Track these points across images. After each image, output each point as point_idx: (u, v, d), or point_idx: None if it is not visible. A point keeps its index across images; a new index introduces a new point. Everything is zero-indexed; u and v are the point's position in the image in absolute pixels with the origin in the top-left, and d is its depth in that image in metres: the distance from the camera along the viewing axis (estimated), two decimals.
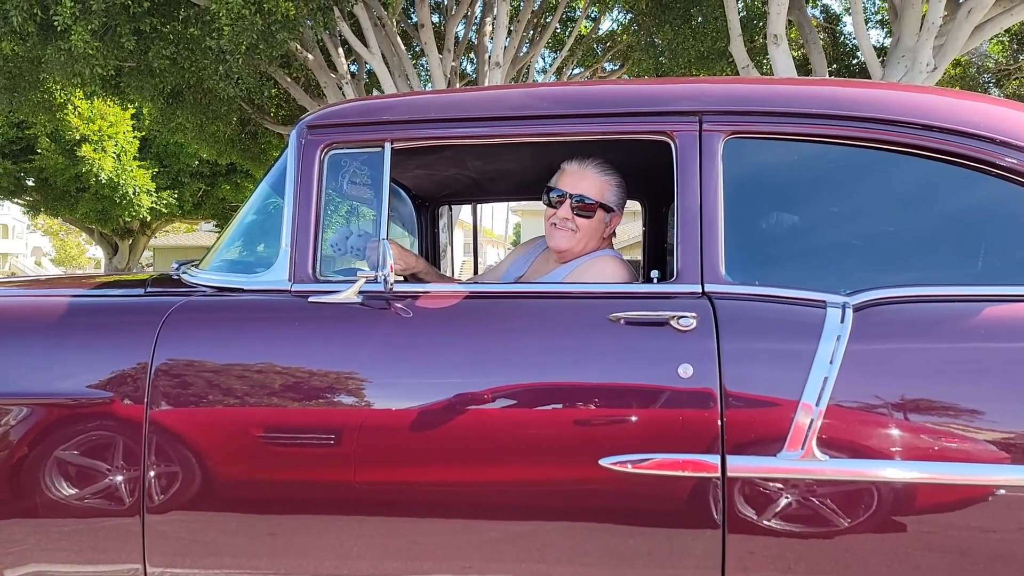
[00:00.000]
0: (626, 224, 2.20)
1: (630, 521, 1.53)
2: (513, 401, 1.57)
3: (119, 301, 1.92)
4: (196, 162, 18.32)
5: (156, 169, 18.42)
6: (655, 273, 1.72)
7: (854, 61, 11.53)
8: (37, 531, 1.67)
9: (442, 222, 3.13)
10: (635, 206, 2.96)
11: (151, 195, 18.19)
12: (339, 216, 2.06)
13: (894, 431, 1.46)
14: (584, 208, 2.06)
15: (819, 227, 1.74)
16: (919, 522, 1.46)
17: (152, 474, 1.63)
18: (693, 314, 1.55)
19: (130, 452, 1.63)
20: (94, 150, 16.42)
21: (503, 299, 1.73)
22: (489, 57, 9.37)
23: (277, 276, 1.75)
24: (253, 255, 1.99)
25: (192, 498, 1.62)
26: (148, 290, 1.91)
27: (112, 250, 23.13)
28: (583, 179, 2.07)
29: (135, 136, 17.48)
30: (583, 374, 1.57)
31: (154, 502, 1.63)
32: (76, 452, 1.65)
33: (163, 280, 2.00)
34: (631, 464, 1.49)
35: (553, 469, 1.55)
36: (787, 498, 1.48)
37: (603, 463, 1.50)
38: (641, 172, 2.27)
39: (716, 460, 1.48)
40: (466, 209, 4.02)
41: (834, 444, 1.46)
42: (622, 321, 1.58)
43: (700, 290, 1.60)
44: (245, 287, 1.79)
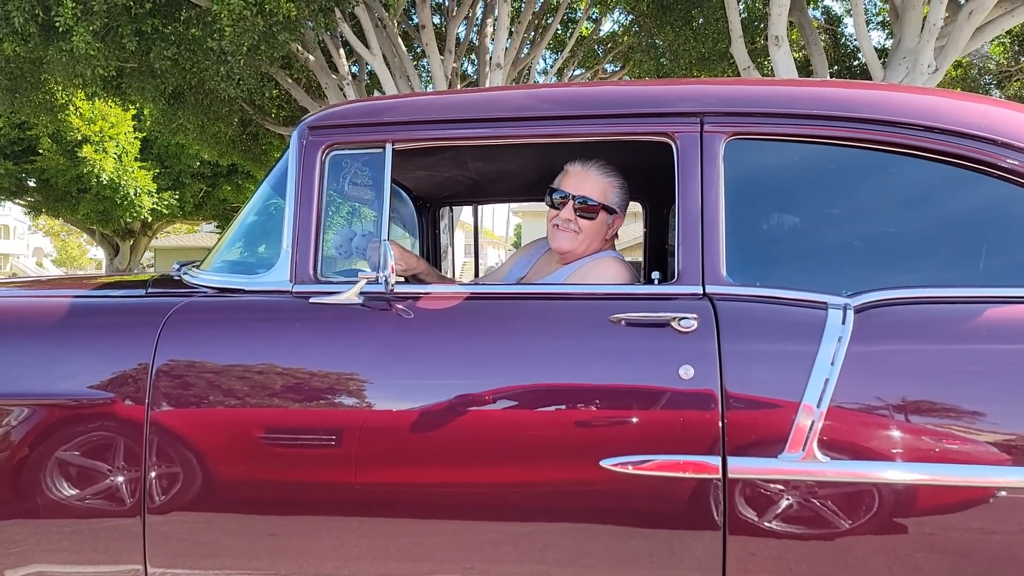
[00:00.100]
0: (627, 225, 2.20)
1: (631, 522, 1.53)
2: (514, 402, 1.57)
3: (120, 302, 1.92)
4: (197, 163, 18.33)
5: (157, 170, 18.43)
6: (656, 274, 1.72)
7: (855, 62, 11.53)
8: (38, 532, 1.67)
9: (443, 223, 3.13)
10: (636, 207, 2.96)
11: (152, 196, 18.20)
12: (340, 217, 2.06)
13: (895, 433, 1.46)
14: (587, 209, 2.05)
15: (820, 228, 1.74)
16: (920, 524, 1.46)
17: (153, 475, 1.63)
18: (694, 315, 1.55)
19: (131, 453, 1.63)
20: (95, 151, 16.43)
21: (504, 300, 1.73)
22: (490, 58, 9.37)
23: (278, 277, 1.76)
24: (254, 256, 1.99)
25: (193, 499, 1.62)
26: (149, 291, 1.91)
27: (113, 251, 23.15)
28: (586, 180, 2.07)
29: (136, 137, 17.49)
30: (584, 375, 1.57)
31: (155, 503, 1.63)
32: (77, 453, 1.65)
33: (164, 281, 2.00)
34: (632, 465, 1.49)
35: (554, 470, 1.55)
36: (788, 500, 1.48)
37: (604, 464, 1.50)
38: (642, 173, 2.27)
39: (717, 461, 1.48)
40: (467, 210, 4.02)
41: (835, 446, 1.46)
42: (623, 322, 1.58)
43: (701, 291, 1.60)
44: (246, 288, 1.79)
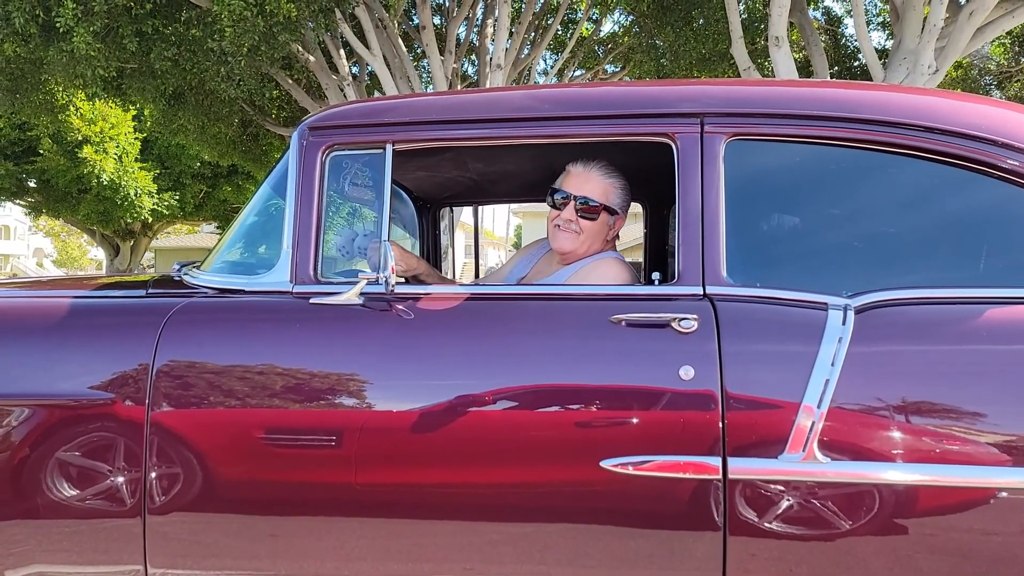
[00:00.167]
0: (627, 226, 2.20)
1: (631, 523, 1.53)
2: (514, 403, 1.57)
3: (121, 302, 1.92)
4: (197, 164, 18.33)
5: (158, 171, 18.43)
6: (656, 275, 1.72)
7: (855, 63, 11.54)
8: (38, 532, 1.67)
9: (443, 224, 3.13)
10: (636, 208, 2.96)
11: (152, 196, 18.20)
12: (340, 218, 2.06)
13: (895, 433, 1.46)
14: (588, 210, 2.05)
15: (820, 229, 1.74)
16: (920, 524, 1.46)
17: (153, 475, 1.63)
18: (694, 316, 1.55)
19: (131, 453, 1.63)
20: (96, 151, 16.43)
21: (504, 300, 1.73)
22: (490, 59, 9.37)
23: (278, 277, 1.75)
24: (254, 257, 1.99)
25: (193, 499, 1.62)
26: (150, 291, 1.91)
27: (113, 251, 23.16)
28: (588, 181, 2.07)
29: (137, 138, 17.49)
30: (584, 376, 1.57)
31: (155, 503, 1.63)
32: (77, 453, 1.65)
33: (164, 281, 2.00)
34: (632, 466, 1.49)
35: (554, 471, 1.55)
36: (788, 500, 1.48)
37: (604, 465, 1.50)
38: (642, 174, 2.27)
39: (717, 462, 1.48)
40: (467, 211, 4.02)
41: (835, 446, 1.46)
42: (623, 323, 1.58)
43: (701, 292, 1.60)
44: (246, 288, 1.79)
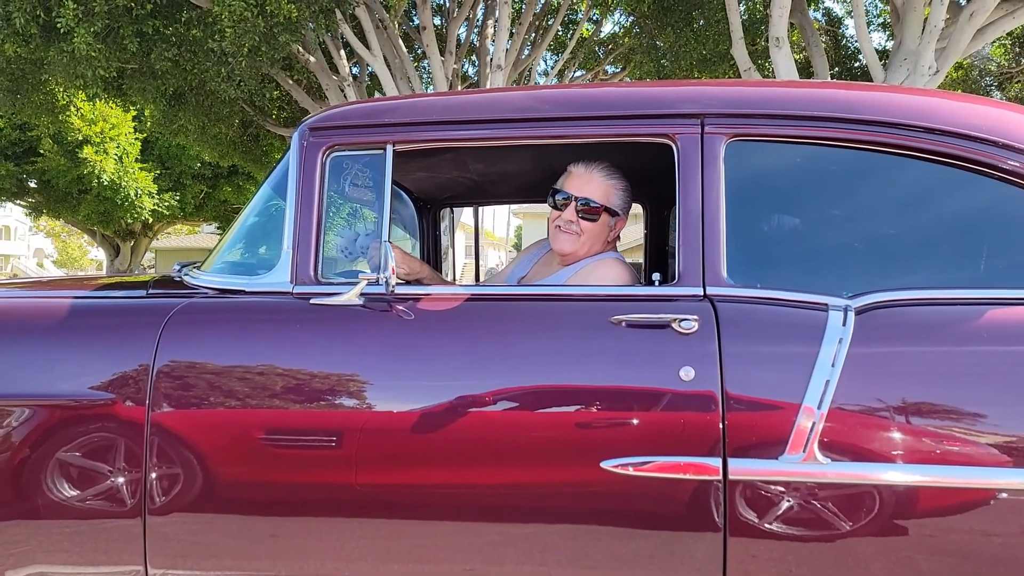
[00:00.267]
0: (628, 227, 2.20)
1: (631, 524, 1.53)
2: (514, 403, 1.57)
3: (121, 303, 1.92)
4: (198, 164, 18.33)
5: (158, 171, 18.44)
6: (657, 276, 1.72)
7: (856, 64, 11.54)
8: (39, 532, 1.67)
9: (443, 225, 3.13)
10: (637, 209, 2.95)
11: (153, 197, 18.21)
12: (341, 218, 2.06)
13: (896, 434, 1.46)
14: (589, 211, 2.05)
15: (821, 230, 1.74)
16: (921, 525, 1.46)
17: (153, 476, 1.63)
18: (695, 317, 1.55)
19: (132, 454, 1.63)
20: (96, 152, 16.43)
21: (504, 301, 1.73)
22: (491, 60, 9.37)
23: (279, 278, 1.75)
24: (255, 257, 1.99)
25: (193, 500, 1.62)
26: (150, 292, 1.91)
27: (114, 252, 23.17)
28: (589, 182, 2.07)
29: (137, 138, 17.50)
30: (584, 376, 1.57)
31: (155, 504, 1.63)
32: (78, 453, 1.65)
33: (165, 282, 2.00)
34: (632, 467, 1.49)
35: (554, 472, 1.55)
36: (789, 501, 1.48)
37: (604, 466, 1.50)
38: (643, 175, 2.27)
39: (718, 463, 1.48)
40: (467, 212, 4.01)
41: (836, 447, 1.46)
42: (624, 323, 1.58)
43: (702, 293, 1.60)
44: (247, 289, 1.79)
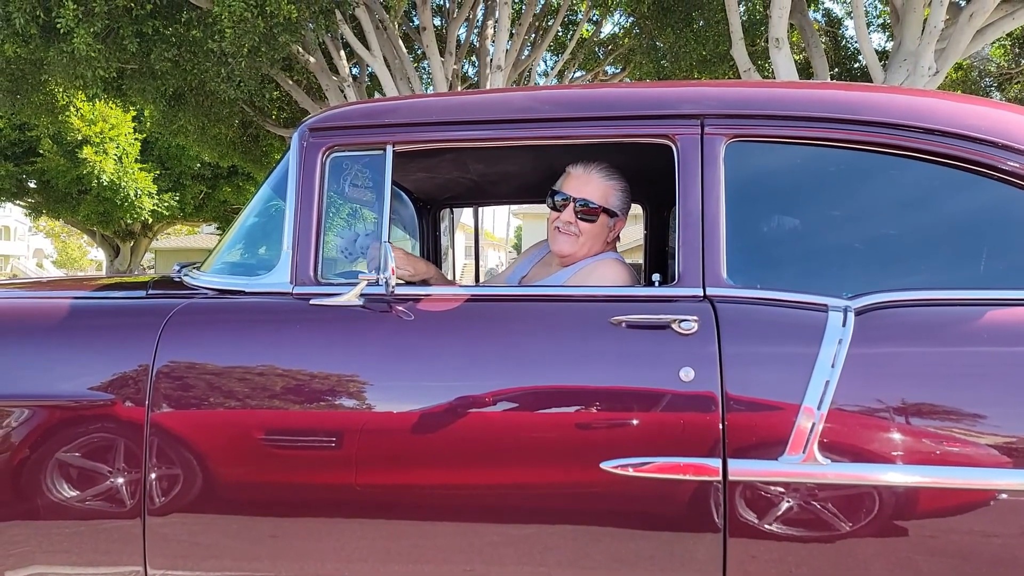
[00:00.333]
0: (628, 227, 2.20)
1: (631, 525, 1.53)
2: (514, 404, 1.57)
3: (121, 303, 1.92)
4: (198, 164, 18.33)
5: (158, 171, 18.43)
6: (657, 276, 1.72)
7: (856, 65, 11.54)
8: (38, 533, 1.67)
9: (443, 225, 3.13)
10: (637, 209, 2.95)
11: (152, 197, 18.20)
12: (341, 219, 2.06)
13: (896, 435, 1.46)
14: (587, 212, 2.05)
15: (821, 231, 1.74)
16: (921, 526, 1.46)
17: (153, 476, 1.62)
18: (695, 317, 1.55)
19: (131, 454, 1.63)
20: (96, 152, 16.43)
21: (504, 302, 1.73)
22: (491, 60, 9.37)
23: (279, 279, 1.75)
24: (255, 258, 1.99)
25: (193, 500, 1.62)
26: (150, 292, 1.91)
27: (114, 252, 23.16)
28: (587, 183, 2.07)
29: (137, 138, 17.49)
30: (584, 377, 1.57)
31: (155, 504, 1.63)
32: (77, 454, 1.65)
33: (165, 282, 2.00)
34: (632, 468, 1.49)
35: (554, 472, 1.55)
36: (789, 502, 1.48)
37: (604, 467, 1.50)
38: (643, 175, 2.27)
39: (717, 464, 1.48)
40: (467, 212, 4.01)
41: (836, 448, 1.46)
42: (624, 324, 1.58)
43: (702, 293, 1.60)
44: (247, 289, 1.79)
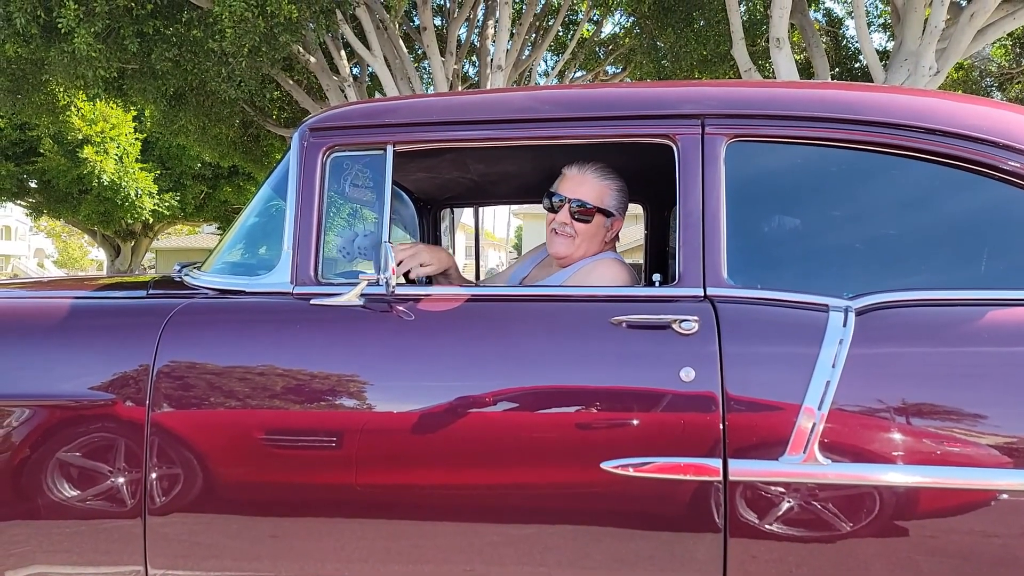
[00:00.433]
0: (628, 227, 2.20)
1: (632, 525, 1.53)
2: (515, 404, 1.57)
3: (121, 303, 1.92)
4: (198, 164, 18.34)
5: (158, 171, 18.44)
6: (657, 276, 1.72)
7: (856, 65, 11.54)
8: (39, 533, 1.67)
9: (444, 225, 3.13)
10: (637, 209, 2.96)
11: (153, 197, 18.22)
12: (341, 219, 2.06)
13: (896, 435, 1.46)
14: (583, 213, 2.05)
15: (821, 231, 1.74)
16: (921, 526, 1.46)
17: (154, 476, 1.62)
18: (695, 317, 1.55)
19: (132, 454, 1.63)
20: (96, 152, 16.44)
21: (505, 302, 1.73)
22: (491, 60, 9.38)
23: (279, 279, 1.75)
24: (255, 258, 1.99)
25: (194, 500, 1.62)
26: (150, 292, 1.91)
27: (114, 252, 23.18)
28: (582, 184, 2.07)
29: (137, 138, 17.51)
30: (585, 377, 1.57)
31: (156, 504, 1.63)
32: (78, 454, 1.65)
33: (165, 282, 2.00)
34: (632, 468, 1.49)
35: (555, 472, 1.55)
36: (789, 502, 1.48)
37: (604, 467, 1.50)
38: (643, 175, 2.27)
39: (718, 464, 1.48)
40: (468, 212, 4.01)
41: (836, 448, 1.46)
42: (624, 324, 1.58)
43: (702, 293, 1.60)
44: (247, 289, 1.79)
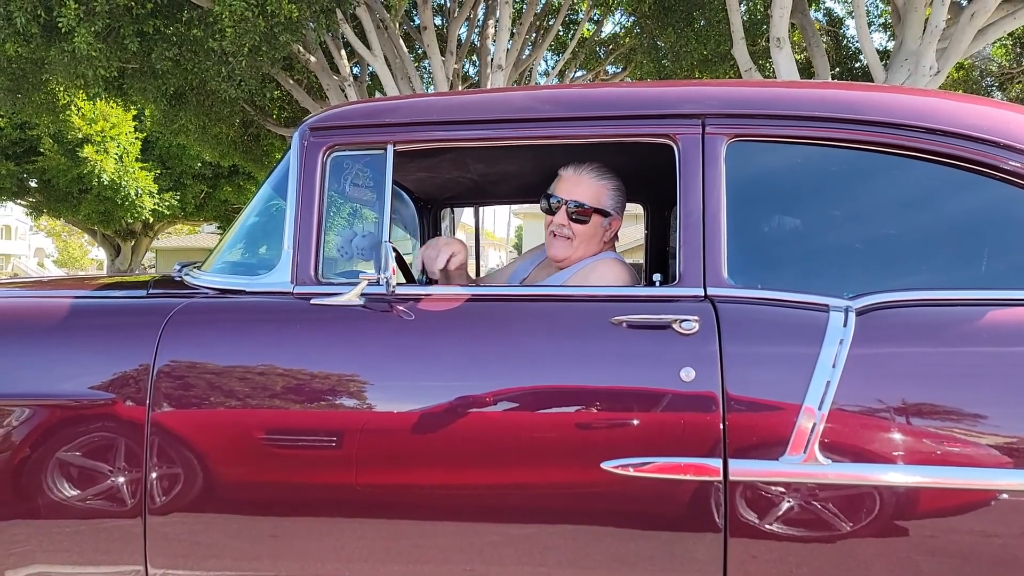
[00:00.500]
0: (628, 227, 2.19)
1: (632, 525, 1.53)
2: (515, 404, 1.57)
3: (121, 303, 1.92)
4: (198, 164, 18.34)
5: (158, 171, 18.44)
6: (657, 276, 1.72)
7: (857, 64, 11.53)
8: (39, 532, 1.67)
9: (444, 225, 3.13)
10: (637, 209, 2.96)
11: (153, 197, 18.22)
12: (341, 218, 2.06)
13: (897, 435, 1.46)
14: (580, 213, 2.05)
15: (822, 231, 1.74)
16: (922, 526, 1.46)
17: (154, 476, 1.63)
18: (695, 317, 1.55)
19: (132, 454, 1.63)
20: (96, 151, 16.44)
21: (505, 302, 1.73)
22: (491, 60, 9.38)
23: (279, 278, 1.75)
24: (255, 257, 1.99)
25: (194, 500, 1.62)
26: (150, 292, 1.91)
27: (114, 251, 23.18)
28: (579, 184, 2.07)
29: (137, 138, 17.50)
30: (585, 377, 1.57)
31: (156, 504, 1.63)
32: (78, 453, 1.65)
33: (165, 282, 2.00)
34: (633, 468, 1.49)
35: (555, 472, 1.55)
36: (789, 502, 1.48)
37: (605, 466, 1.50)
38: (643, 175, 2.27)
39: (718, 464, 1.48)
40: (468, 212, 4.01)
41: (837, 448, 1.46)
42: (624, 324, 1.58)
43: (703, 293, 1.60)
44: (247, 289, 1.79)
